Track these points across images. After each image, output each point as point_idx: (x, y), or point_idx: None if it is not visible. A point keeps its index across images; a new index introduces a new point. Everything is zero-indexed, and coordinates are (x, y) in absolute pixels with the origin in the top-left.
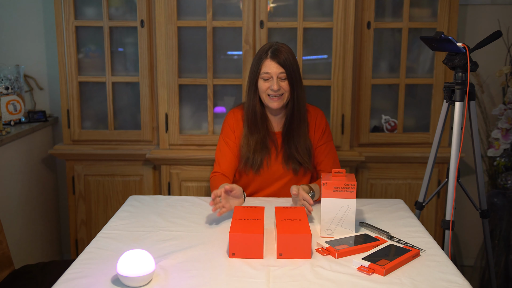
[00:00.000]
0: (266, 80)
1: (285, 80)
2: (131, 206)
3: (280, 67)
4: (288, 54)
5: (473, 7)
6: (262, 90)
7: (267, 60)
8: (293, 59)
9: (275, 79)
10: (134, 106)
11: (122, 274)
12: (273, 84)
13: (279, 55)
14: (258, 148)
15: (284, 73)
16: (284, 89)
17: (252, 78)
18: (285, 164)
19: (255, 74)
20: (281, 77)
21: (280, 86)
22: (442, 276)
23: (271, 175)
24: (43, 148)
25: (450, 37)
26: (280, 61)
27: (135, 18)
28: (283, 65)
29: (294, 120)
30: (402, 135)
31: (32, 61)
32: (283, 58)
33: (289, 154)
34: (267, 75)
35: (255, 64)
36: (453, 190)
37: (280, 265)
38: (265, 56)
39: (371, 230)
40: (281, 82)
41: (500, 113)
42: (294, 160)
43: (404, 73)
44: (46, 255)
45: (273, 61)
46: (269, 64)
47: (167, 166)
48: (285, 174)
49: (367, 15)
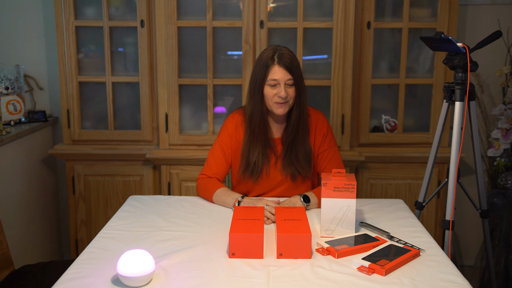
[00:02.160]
0: (273, 86)
1: (292, 86)
2: (131, 206)
3: (288, 74)
4: (293, 59)
5: (473, 7)
6: (268, 97)
7: (275, 66)
8: (298, 64)
9: (282, 86)
10: (134, 106)
11: (122, 274)
12: (281, 91)
13: (286, 60)
14: (256, 155)
15: (292, 79)
16: (290, 96)
17: (257, 84)
18: (283, 170)
19: (261, 81)
20: (288, 83)
21: (287, 93)
22: (442, 276)
23: (270, 181)
24: (43, 148)
25: (450, 37)
26: (287, 67)
27: (135, 18)
28: (290, 71)
29: (297, 126)
30: (402, 135)
31: (32, 61)
32: (290, 64)
33: (289, 160)
34: (274, 81)
35: (261, 70)
36: (453, 190)
37: (280, 265)
38: (272, 62)
39: (371, 230)
40: (288, 89)
41: (500, 113)
42: (293, 167)
43: (404, 73)
44: (46, 255)
45: (281, 68)
46: (277, 70)
47: (167, 166)
48: (284, 181)
49: (367, 15)
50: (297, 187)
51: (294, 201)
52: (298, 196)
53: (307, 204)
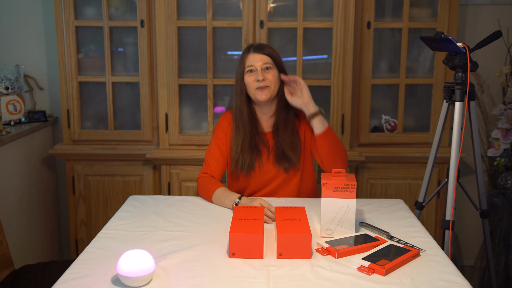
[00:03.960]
0: (251, 73)
1: (270, 70)
2: (131, 206)
3: (263, 57)
4: (270, 48)
5: (473, 7)
6: (249, 85)
7: (250, 54)
8: (277, 54)
9: (259, 71)
10: (134, 106)
11: (122, 274)
12: (258, 74)
13: (261, 47)
14: (246, 148)
15: (269, 63)
16: (270, 81)
17: (238, 77)
18: (276, 163)
19: (240, 72)
20: (265, 67)
21: (265, 77)
22: (442, 276)
23: (263, 176)
24: (43, 148)
25: (450, 37)
26: (263, 52)
27: (135, 18)
28: (266, 54)
29: (282, 112)
30: (402, 135)
31: (32, 61)
32: (266, 50)
33: (280, 151)
34: (250, 67)
35: (239, 62)
36: (453, 190)
37: (280, 265)
38: (247, 51)
39: (371, 230)
40: (266, 74)
41: (500, 113)
42: (285, 159)
43: (404, 73)
44: (46, 255)
45: (255, 53)
46: (252, 57)
47: (167, 166)
48: (277, 174)
49: (367, 15)
50: (290, 180)
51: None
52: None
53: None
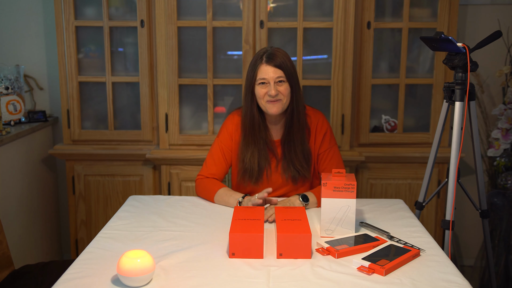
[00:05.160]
0: (263, 85)
1: (282, 84)
2: (131, 206)
3: (276, 70)
4: (284, 58)
5: (473, 7)
6: (259, 96)
7: (262, 65)
8: (290, 63)
9: (272, 84)
10: (134, 106)
11: (122, 274)
12: (271, 89)
13: (274, 58)
14: (256, 158)
15: (282, 76)
16: (282, 94)
17: (248, 85)
18: (284, 173)
19: (251, 81)
20: (278, 81)
21: (278, 91)
22: (442, 276)
23: (270, 185)
24: (43, 148)
25: (450, 37)
26: (276, 64)
27: (135, 18)
28: (279, 67)
29: (294, 125)
30: (402, 135)
31: (32, 61)
32: (279, 61)
33: (289, 161)
34: (263, 80)
35: (250, 70)
36: (453, 190)
37: (280, 265)
38: (260, 61)
39: (371, 230)
40: (279, 87)
41: (500, 113)
42: (293, 169)
43: (404, 73)
44: (46, 255)
45: (269, 65)
46: (265, 69)
47: (167, 166)
48: (284, 184)
49: (367, 15)
50: (297, 190)
51: (292, 201)
52: (297, 195)
53: (306, 204)
